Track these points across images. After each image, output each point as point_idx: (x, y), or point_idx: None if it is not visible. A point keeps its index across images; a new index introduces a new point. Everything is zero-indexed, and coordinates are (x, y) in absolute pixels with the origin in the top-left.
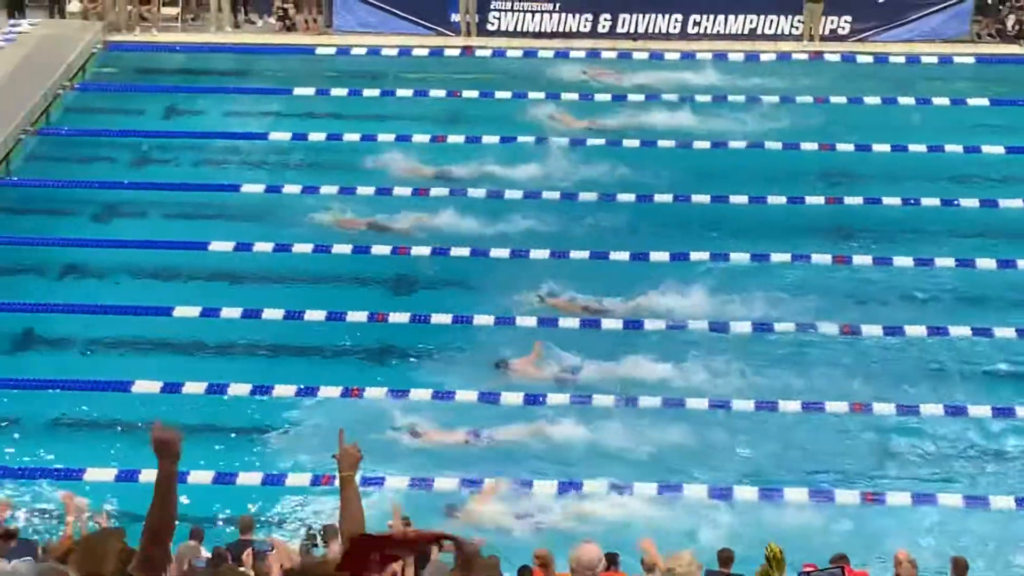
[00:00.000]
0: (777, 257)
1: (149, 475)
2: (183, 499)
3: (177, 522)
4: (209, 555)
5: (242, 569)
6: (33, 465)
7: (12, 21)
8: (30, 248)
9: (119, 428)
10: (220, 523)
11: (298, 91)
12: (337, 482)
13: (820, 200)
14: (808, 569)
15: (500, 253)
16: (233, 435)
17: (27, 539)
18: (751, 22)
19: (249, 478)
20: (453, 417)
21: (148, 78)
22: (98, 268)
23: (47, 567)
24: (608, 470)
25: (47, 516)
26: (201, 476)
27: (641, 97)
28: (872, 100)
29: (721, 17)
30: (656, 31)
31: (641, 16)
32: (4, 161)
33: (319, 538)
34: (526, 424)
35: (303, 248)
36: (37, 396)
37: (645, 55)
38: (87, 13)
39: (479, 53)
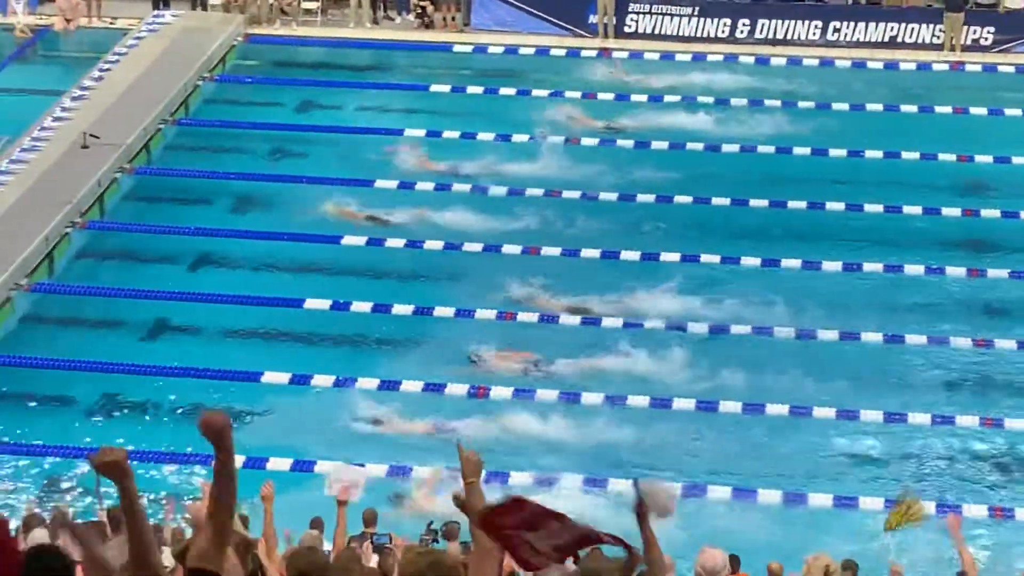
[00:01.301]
0: (911, 268)
1: (277, 463)
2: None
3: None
4: (330, 546)
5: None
6: (163, 450)
7: (156, 12)
8: (166, 237)
9: (248, 417)
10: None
11: (434, 88)
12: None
13: (956, 212)
14: None
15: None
16: (359, 427)
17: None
18: (892, 30)
19: (375, 470)
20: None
21: (286, 71)
22: (232, 258)
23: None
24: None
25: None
26: (327, 467)
27: (777, 103)
28: (1013, 112)
29: (861, 24)
30: (795, 37)
31: (780, 22)
32: (144, 150)
33: (439, 534)
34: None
35: (434, 245)
36: (168, 383)
37: (783, 60)
38: (229, 6)
39: (616, 55)
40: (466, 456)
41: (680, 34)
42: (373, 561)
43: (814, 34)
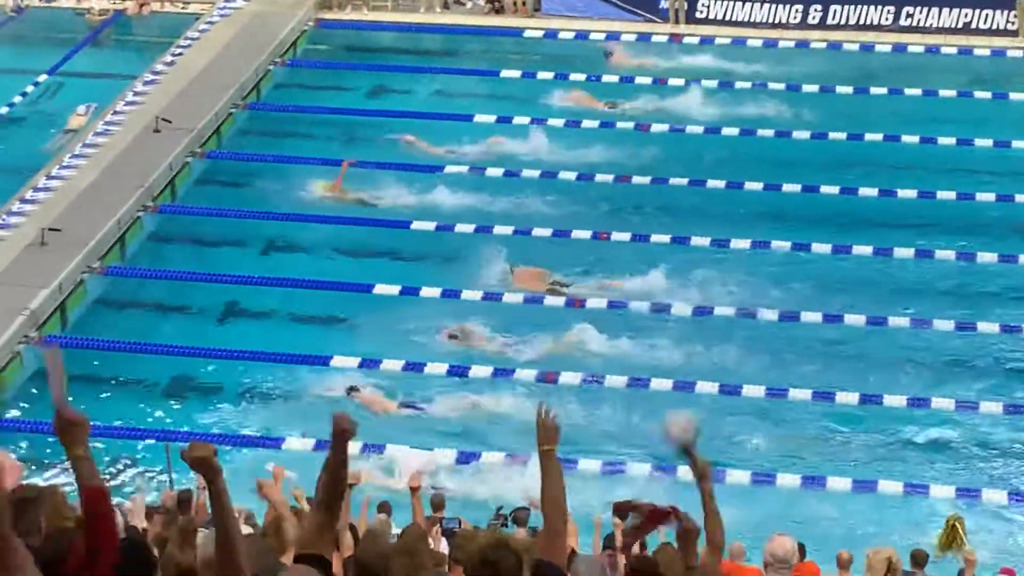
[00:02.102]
0: (983, 256)
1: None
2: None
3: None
4: (399, 530)
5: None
6: (232, 432)
7: None
8: (236, 221)
9: (318, 400)
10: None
11: (505, 73)
12: (536, 456)
13: None
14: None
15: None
16: (431, 412)
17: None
18: (966, 16)
19: (444, 456)
20: None
21: (357, 56)
22: (301, 242)
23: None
24: None
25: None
26: (395, 453)
27: (849, 90)
28: None
29: (935, 10)
30: (868, 23)
31: (852, 8)
32: (215, 134)
33: (508, 519)
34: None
35: (503, 230)
36: (238, 366)
37: (855, 47)
38: None
39: (687, 41)
40: (543, 421)
41: (752, 20)
42: (443, 546)
43: (887, 20)
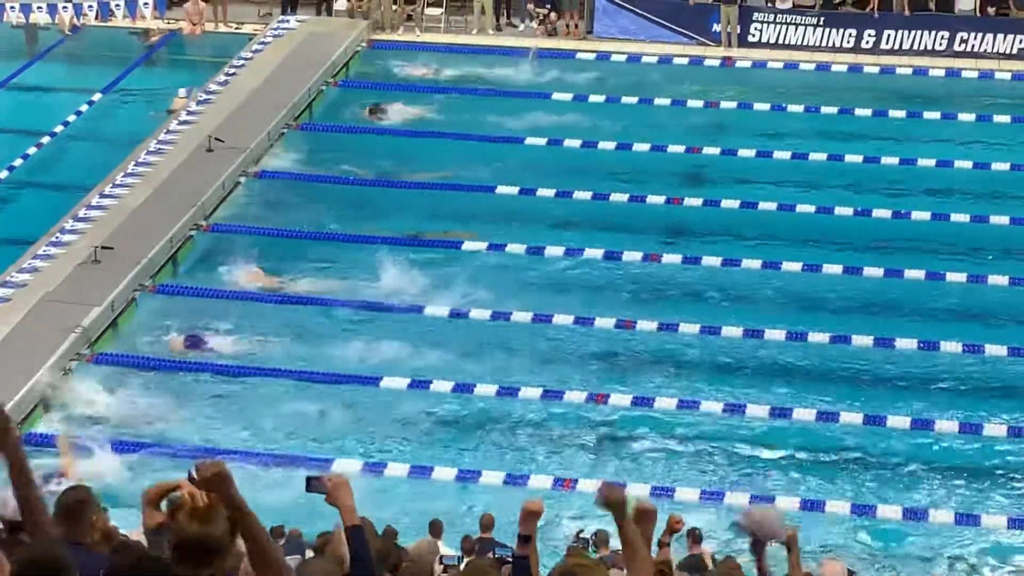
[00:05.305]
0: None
1: (395, 469)
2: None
3: None
4: (456, 552)
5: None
6: (287, 452)
7: (282, 17)
8: (289, 240)
9: (368, 419)
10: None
11: (556, 96)
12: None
13: None
14: None
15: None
16: (478, 435)
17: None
18: (1020, 41)
19: (492, 477)
20: None
21: (409, 77)
22: (353, 263)
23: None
24: None
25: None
26: (444, 473)
27: (902, 113)
28: None
29: (989, 36)
30: (921, 48)
31: (907, 32)
32: (268, 154)
33: (590, 543)
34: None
35: (555, 251)
36: (291, 385)
37: (908, 71)
38: (353, 12)
39: (739, 64)
40: (608, 495)
41: (804, 43)
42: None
43: (940, 45)
